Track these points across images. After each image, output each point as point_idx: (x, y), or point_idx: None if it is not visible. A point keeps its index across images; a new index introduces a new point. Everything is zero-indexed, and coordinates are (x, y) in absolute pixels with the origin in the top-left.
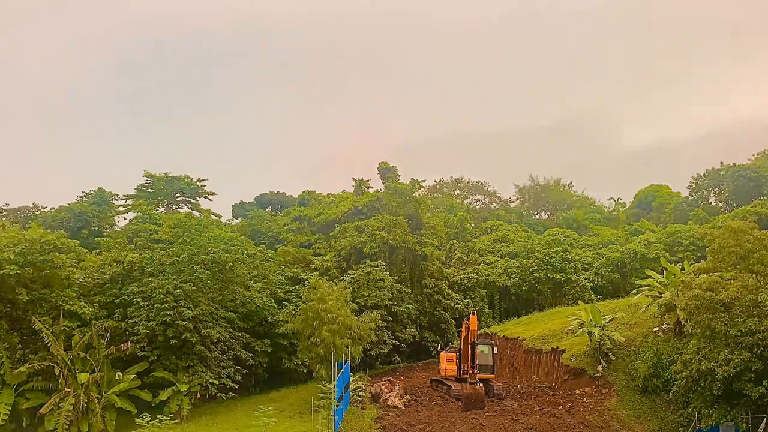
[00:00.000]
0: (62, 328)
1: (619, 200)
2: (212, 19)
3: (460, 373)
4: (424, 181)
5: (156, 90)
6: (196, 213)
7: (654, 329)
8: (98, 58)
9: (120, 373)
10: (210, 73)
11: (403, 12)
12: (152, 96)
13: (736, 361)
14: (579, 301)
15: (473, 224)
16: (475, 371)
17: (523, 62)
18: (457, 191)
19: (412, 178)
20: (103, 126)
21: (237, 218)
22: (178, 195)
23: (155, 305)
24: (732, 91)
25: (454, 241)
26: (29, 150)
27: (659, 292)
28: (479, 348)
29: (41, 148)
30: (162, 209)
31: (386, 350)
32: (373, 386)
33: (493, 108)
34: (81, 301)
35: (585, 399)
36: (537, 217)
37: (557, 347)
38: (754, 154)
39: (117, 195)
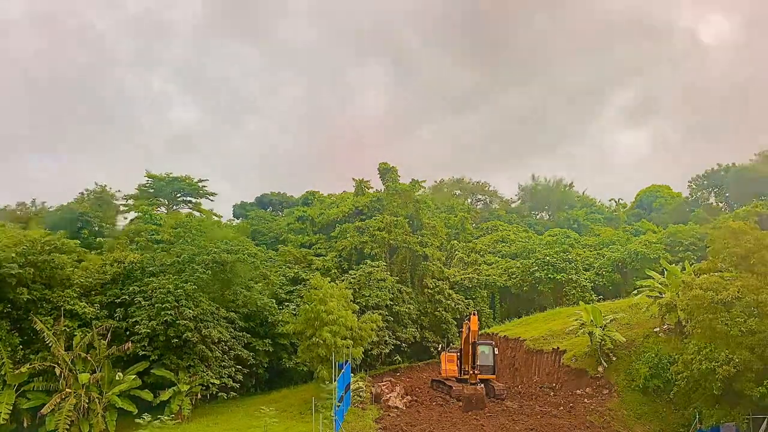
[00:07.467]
0: (63, 328)
1: (620, 200)
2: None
3: (460, 373)
4: (424, 181)
5: (155, 88)
6: (197, 213)
7: (655, 329)
8: (97, 55)
9: (121, 373)
10: (209, 72)
11: None
12: (151, 95)
13: (737, 361)
14: (580, 302)
15: (474, 224)
16: (475, 372)
17: None
18: (458, 191)
19: (413, 179)
20: (102, 125)
21: (238, 218)
22: (179, 195)
23: (156, 305)
24: None
25: (455, 241)
26: (29, 149)
27: (660, 293)
28: (480, 348)
29: (42, 147)
30: (163, 209)
31: (387, 350)
32: (373, 386)
33: None
34: (82, 301)
35: (586, 399)
36: (538, 217)
37: (558, 348)
38: (754, 154)
39: (118, 191)
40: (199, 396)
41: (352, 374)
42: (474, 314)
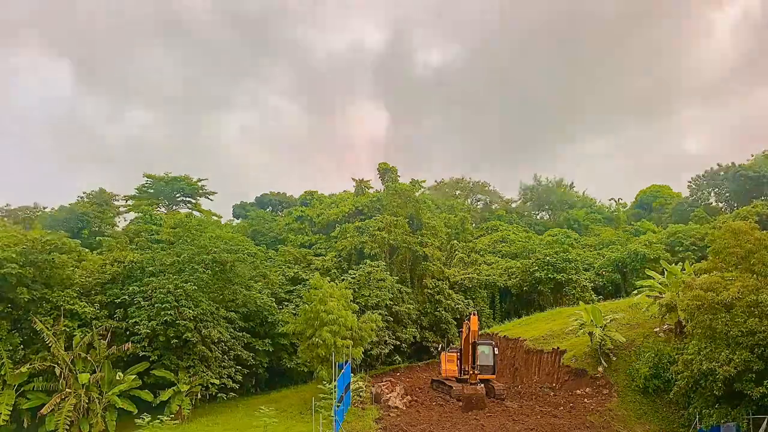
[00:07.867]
0: (63, 328)
1: (620, 200)
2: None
3: (460, 373)
4: (424, 181)
5: (155, 89)
6: (196, 213)
7: (655, 329)
8: (97, 54)
9: (121, 374)
10: (209, 72)
11: None
12: (151, 95)
13: (737, 361)
14: (580, 302)
15: (474, 224)
16: (475, 372)
17: None
18: (458, 191)
19: (413, 179)
20: (102, 125)
21: (237, 218)
22: (178, 195)
23: (156, 305)
24: None
25: (455, 241)
26: (30, 149)
27: (660, 293)
28: (480, 348)
29: (42, 146)
30: (162, 209)
31: (387, 350)
32: (373, 387)
33: None
34: (82, 301)
35: (586, 399)
36: (539, 217)
37: (558, 348)
38: (753, 154)
39: (117, 195)
40: (199, 396)
41: (352, 374)
42: (474, 314)
